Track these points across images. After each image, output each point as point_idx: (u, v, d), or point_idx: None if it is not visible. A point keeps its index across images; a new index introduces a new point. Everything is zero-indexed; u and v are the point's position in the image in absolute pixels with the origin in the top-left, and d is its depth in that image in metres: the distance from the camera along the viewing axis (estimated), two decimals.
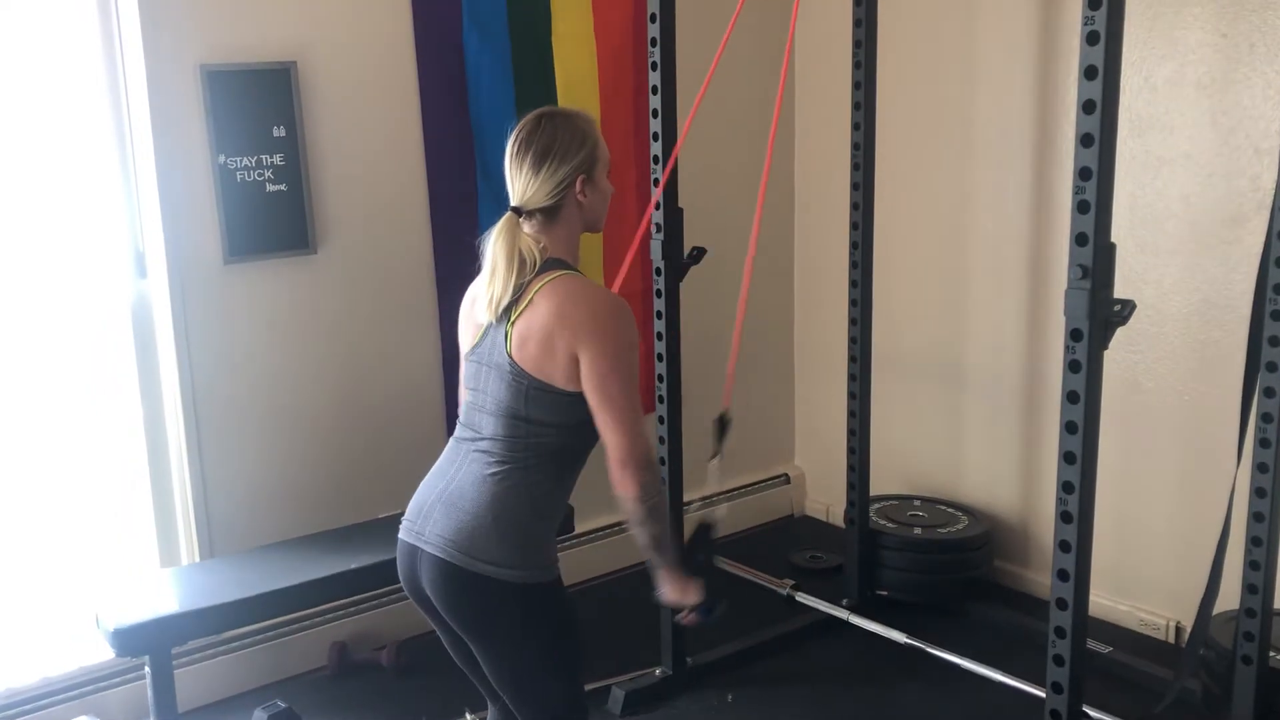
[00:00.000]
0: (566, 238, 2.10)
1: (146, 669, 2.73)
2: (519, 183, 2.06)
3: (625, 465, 1.98)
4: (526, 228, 2.07)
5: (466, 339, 2.15)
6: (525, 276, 2.02)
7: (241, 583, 2.88)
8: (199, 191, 3.10)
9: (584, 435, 2.06)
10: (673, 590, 2.11)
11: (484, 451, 2.06)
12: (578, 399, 2.01)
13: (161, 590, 2.88)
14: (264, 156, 3.16)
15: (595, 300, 2.02)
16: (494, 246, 2.04)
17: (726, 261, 3.50)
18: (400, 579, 2.15)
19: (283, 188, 3.20)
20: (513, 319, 2.02)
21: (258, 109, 3.14)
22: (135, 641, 2.67)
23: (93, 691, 3.10)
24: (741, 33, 3.13)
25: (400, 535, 2.13)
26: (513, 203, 2.08)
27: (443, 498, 2.07)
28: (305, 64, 3.21)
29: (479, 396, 2.09)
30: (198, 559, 3.22)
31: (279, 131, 3.18)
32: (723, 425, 2.51)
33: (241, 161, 3.13)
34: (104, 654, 2.99)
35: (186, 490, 3.20)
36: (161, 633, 2.70)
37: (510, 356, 2.02)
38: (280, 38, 3.18)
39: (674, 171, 3.01)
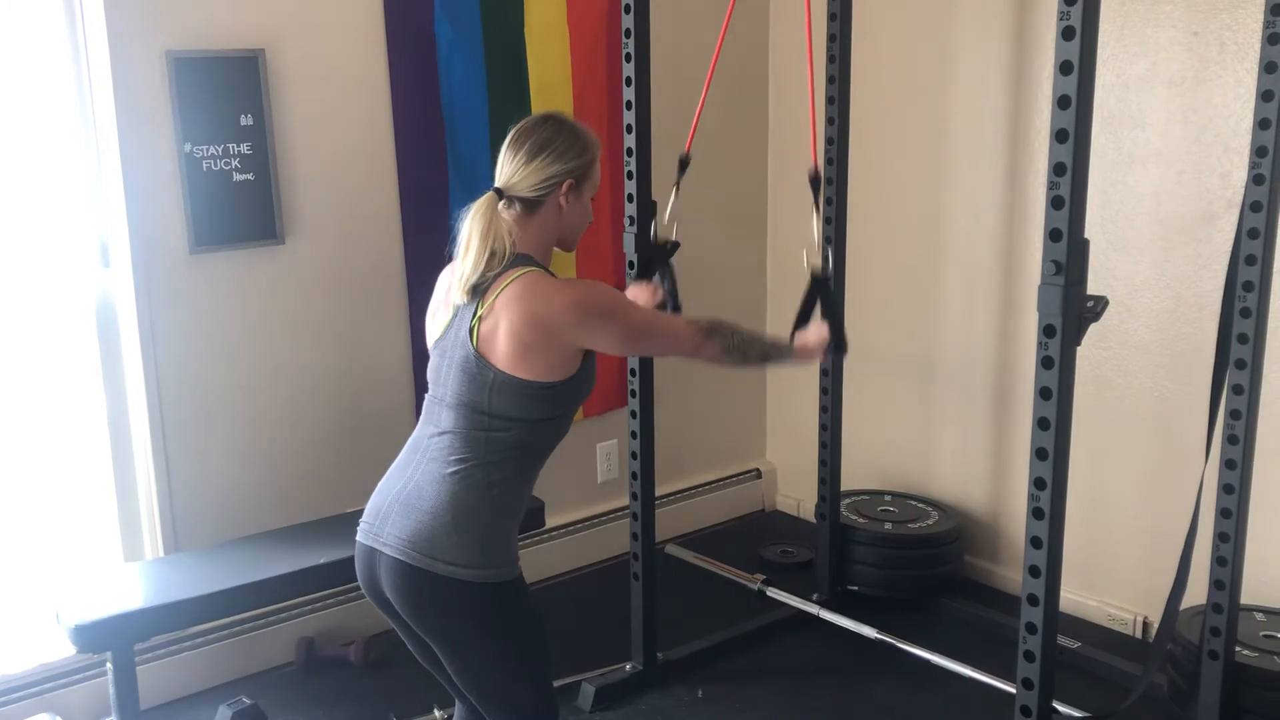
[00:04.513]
0: (540, 238, 2.09)
1: (108, 666, 2.69)
2: (508, 166, 2.06)
3: (699, 352, 2.18)
4: (504, 214, 2.05)
5: (434, 330, 2.13)
6: (495, 268, 2.00)
7: (207, 578, 2.85)
8: (164, 180, 3.05)
9: (544, 433, 2.05)
10: (802, 356, 2.36)
11: (443, 448, 2.03)
12: (553, 392, 1.99)
13: (124, 585, 2.84)
14: (231, 145, 3.12)
15: (566, 295, 2.01)
16: (469, 223, 2.03)
17: (698, 255, 3.49)
18: (359, 582, 2.12)
19: (250, 177, 3.16)
20: (478, 314, 2.00)
21: (225, 97, 3.09)
22: (97, 638, 2.63)
23: (53, 689, 3.04)
24: (715, 27, 3.11)
25: (358, 537, 2.10)
26: (496, 183, 2.07)
27: (400, 498, 2.04)
28: (274, 52, 3.17)
29: (438, 389, 2.08)
30: (162, 554, 3.17)
31: (246, 120, 3.13)
32: (815, 183, 2.59)
33: (208, 150, 3.08)
34: (65, 651, 2.95)
35: (151, 484, 3.15)
36: (124, 629, 2.66)
37: (476, 350, 1.99)
38: (248, 25, 3.13)
39: (647, 164, 2.99)
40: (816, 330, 2.37)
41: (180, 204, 3.08)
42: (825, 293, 2.44)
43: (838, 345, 2.38)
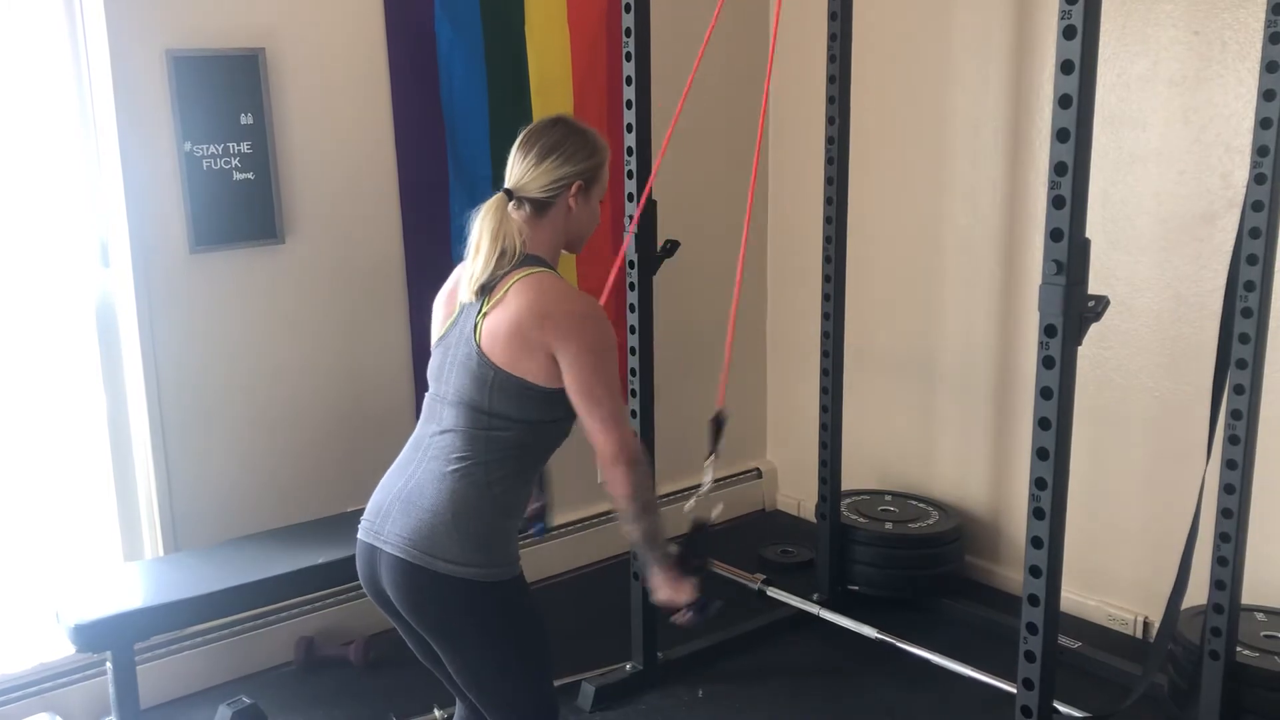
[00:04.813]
0: (549, 240, 2.09)
1: (108, 665, 2.69)
2: (518, 167, 2.08)
3: (615, 464, 1.98)
4: (514, 215, 2.06)
5: (437, 326, 2.14)
6: (504, 267, 2.01)
7: (206, 577, 2.85)
8: (164, 179, 3.05)
9: (544, 434, 2.05)
10: (666, 588, 2.05)
11: (444, 446, 2.03)
12: (549, 395, 1.99)
13: (124, 585, 2.84)
14: (231, 144, 3.11)
15: (574, 303, 2.01)
16: (480, 223, 2.04)
17: (699, 255, 3.49)
18: (360, 579, 2.12)
19: (250, 176, 3.15)
20: (484, 311, 2.00)
21: (225, 96, 3.09)
22: (96, 637, 2.63)
23: (53, 688, 3.04)
24: (717, 26, 3.11)
25: (359, 535, 2.11)
26: (506, 185, 2.08)
27: (401, 496, 2.04)
28: (274, 50, 3.16)
29: (440, 387, 2.08)
30: (162, 553, 3.17)
31: (246, 119, 3.13)
32: (718, 425, 2.52)
33: (208, 149, 3.08)
34: (64, 650, 2.95)
35: (151, 483, 3.15)
36: (123, 628, 2.66)
37: (479, 347, 2.00)
38: (248, 23, 3.13)
39: (647, 165, 2.99)
40: (690, 585, 2.06)
41: (180, 203, 3.07)
42: (701, 542, 2.20)
43: (701, 606, 2.06)
